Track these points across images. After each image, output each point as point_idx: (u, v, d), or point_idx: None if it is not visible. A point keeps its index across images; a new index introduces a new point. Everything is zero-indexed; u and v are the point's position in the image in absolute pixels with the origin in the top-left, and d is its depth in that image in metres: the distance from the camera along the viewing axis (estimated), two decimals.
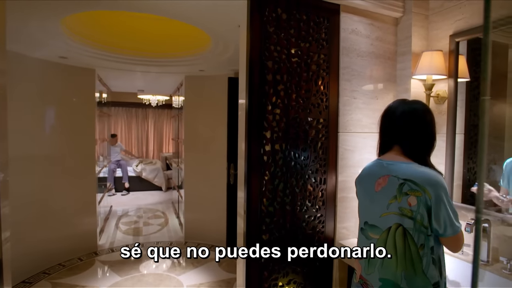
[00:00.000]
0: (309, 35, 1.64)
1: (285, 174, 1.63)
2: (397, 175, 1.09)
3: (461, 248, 1.10)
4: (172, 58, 3.31)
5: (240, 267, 1.61)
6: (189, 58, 3.24)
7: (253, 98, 1.53)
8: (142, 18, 2.51)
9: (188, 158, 4.07)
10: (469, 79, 1.70)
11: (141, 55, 3.22)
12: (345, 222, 1.78)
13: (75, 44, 2.71)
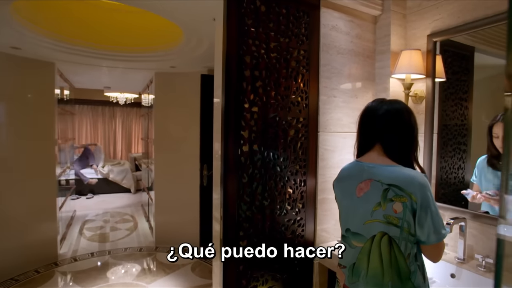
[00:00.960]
0: (289, 30, 1.56)
1: (264, 176, 1.54)
2: (381, 180, 1.03)
3: (441, 257, 1.06)
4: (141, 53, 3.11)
5: (217, 275, 1.50)
6: (159, 53, 3.06)
7: (230, 95, 1.43)
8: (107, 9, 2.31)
9: (158, 159, 3.88)
10: (445, 79, 1.71)
11: (107, 49, 2.99)
12: (325, 224, 1.73)
13: (30, 34, 2.44)
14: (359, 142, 1.18)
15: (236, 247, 1.46)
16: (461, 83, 1.73)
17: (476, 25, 1.50)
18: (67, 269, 3.20)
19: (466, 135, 1.74)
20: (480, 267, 1.40)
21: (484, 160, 1.60)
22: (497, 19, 1.43)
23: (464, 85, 1.73)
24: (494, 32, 1.53)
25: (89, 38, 2.80)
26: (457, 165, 1.75)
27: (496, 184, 1.54)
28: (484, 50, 1.64)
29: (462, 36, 1.60)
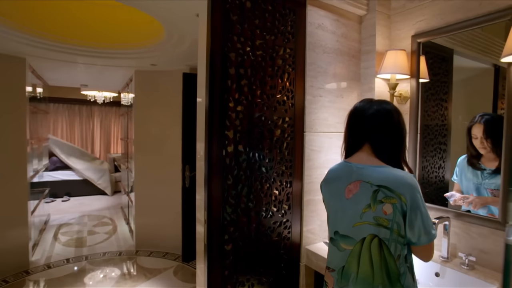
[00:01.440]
0: (275, 27, 1.53)
1: (250, 177, 1.50)
2: (370, 181, 1.01)
3: (432, 257, 1.06)
4: (119, 49, 2.99)
5: (201, 280, 1.44)
6: (139, 50, 2.95)
7: (214, 93, 1.37)
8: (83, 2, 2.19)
9: (138, 159, 3.75)
10: (429, 80, 1.73)
11: (83, 45, 2.85)
12: (311, 225, 1.70)
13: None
14: (347, 143, 1.16)
15: (221, 251, 1.41)
16: (441, 84, 1.75)
17: (458, 27, 1.52)
18: (39, 277, 3.02)
19: (446, 135, 1.77)
20: (464, 265, 1.42)
21: (464, 159, 1.63)
22: (478, 21, 1.45)
23: (444, 86, 1.75)
24: (471, 35, 1.56)
25: (64, 33, 2.66)
26: (438, 165, 1.78)
27: (475, 183, 1.57)
28: (462, 52, 1.68)
29: (442, 38, 1.63)
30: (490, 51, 1.59)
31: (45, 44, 2.72)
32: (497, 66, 1.55)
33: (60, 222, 4.72)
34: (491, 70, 1.57)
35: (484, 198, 1.52)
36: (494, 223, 1.39)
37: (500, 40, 1.52)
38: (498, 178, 1.45)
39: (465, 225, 1.50)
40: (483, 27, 1.47)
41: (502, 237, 1.38)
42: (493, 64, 1.57)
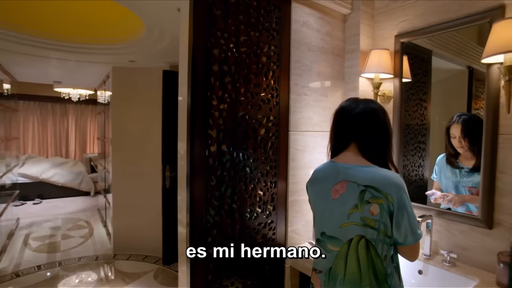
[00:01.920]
0: (259, 24, 1.49)
1: (233, 178, 1.45)
2: (357, 181, 1.00)
3: (418, 256, 1.06)
4: (95, 44, 2.85)
5: (184, 283, 1.38)
6: (117, 46, 2.83)
7: (197, 90, 1.32)
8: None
9: (116, 159, 3.61)
10: (411, 80, 1.75)
11: (55, 39, 2.69)
12: (295, 225, 1.68)
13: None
14: (333, 142, 1.14)
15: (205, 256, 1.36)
16: (421, 85, 1.78)
17: (439, 28, 1.54)
18: (7, 286, 2.83)
19: (425, 134, 1.80)
20: (445, 262, 1.44)
21: (443, 158, 1.66)
22: (458, 23, 1.47)
23: (423, 86, 1.78)
24: (448, 37, 1.59)
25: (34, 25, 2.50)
26: (418, 163, 1.81)
27: (454, 181, 1.61)
28: (440, 54, 1.71)
29: (422, 39, 1.65)
30: (465, 53, 1.63)
31: (12, 37, 2.55)
32: (471, 68, 1.59)
33: (30, 227, 4.46)
34: (465, 72, 1.61)
35: (463, 196, 1.55)
36: (474, 220, 1.42)
37: (473, 43, 1.56)
38: (476, 176, 1.49)
39: (446, 222, 1.52)
40: (462, 28, 1.50)
41: (481, 233, 1.41)
42: (468, 66, 1.61)
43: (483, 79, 1.54)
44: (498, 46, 1.21)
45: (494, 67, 1.34)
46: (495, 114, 1.35)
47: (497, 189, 1.35)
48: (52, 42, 2.72)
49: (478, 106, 1.56)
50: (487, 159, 1.36)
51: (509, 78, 1.23)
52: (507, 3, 1.32)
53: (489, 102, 1.36)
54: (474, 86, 1.58)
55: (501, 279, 1.24)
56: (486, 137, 1.36)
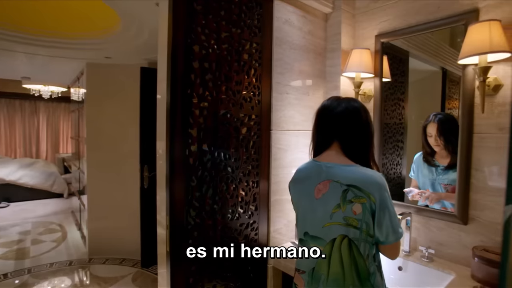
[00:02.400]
0: (241, 20, 1.46)
1: (215, 178, 1.41)
2: (339, 180, 0.99)
3: (399, 255, 1.07)
4: (68, 39, 2.71)
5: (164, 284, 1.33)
6: (92, 41, 2.70)
7: (177, 88, 1.27)
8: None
9: (91, 159, 3.47)
10: (390, 79, 1.78)
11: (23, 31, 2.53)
12: (277, 225, 1.67)
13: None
14: (315, 141, 1.13)
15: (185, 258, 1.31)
16: (399, 85, 1.82)
17: (418, 29, 1.58)
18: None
19: (403, 133, 1.84)
20: (424, 258, 1.47)
21: (420, 156, 1.70)
22: (436, 24, 1.51)
23: (401, 86, 1.82)
24: (423, 39, 1.64)
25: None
26: (396, 161, 1.85)
27: (431, 179, 1.65)
28: (416, 55, 1.75)
29: (400, 40, 1.69)
30: (439, 55, 1.67)
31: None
32: (445, 70, 1.65)
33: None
34: (439, 73, 1.66)
35: (439, 193, 1.60)
36: (451, 216, 1.46)
37: (446, 45, 1.62)
38: (451, 173, 1.54)
39: (424, 219, 1.56)
40: (438, 30, 1.54)
41: (457, 229, 1.45)
42: (441, 67, 1.66)
43: (455, 80, 1.60)
44: (473, 48, 1.25)
45: (469, 68, 1.38)
46: (470, 114, 1.39)
47: (472, 186, 1.40)
48: (18, 34, 2.55)
49: (451, 106, 1.62)
50: (462, 157, 1.41)
51: (483, 79, 1.27)
52: (481, 6, 1.36)
53: (464, 102, 1.40)
54: (447, 86, 1.63)
55: (476, 272, 1.28)
56: (462, 136, 1.41)
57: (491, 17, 1.28)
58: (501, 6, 1.30)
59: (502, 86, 1.30)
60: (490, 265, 1.24)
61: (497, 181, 1.34)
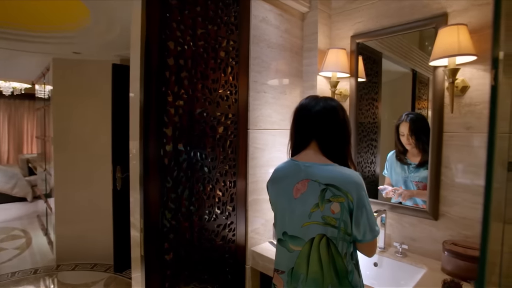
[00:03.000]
0: (218, 17, 1.43)
1: (191, 178, 1.38)
2: (318, 180, 0.99)
3: (375, 252, 1.09)
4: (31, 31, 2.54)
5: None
6: (58, 34, 2.55)
7: (151, 86, 1.22)
8: None
9: (59, 160, 3.29)
10: (365, 79, 1.82)
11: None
12: (255, 225, 1.66)
13: None
14: (293, 140, 1.13)
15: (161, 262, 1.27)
16: (373, 85, 1.86)
17: (391, 31, 1.62)
18: None
19: (376, 132, 1.89)
20: (398, 253, 1.52)
21: (393, 155, 1.75)
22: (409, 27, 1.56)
23: (375, 86, 1.87)
24: (395, 41, 1.69)
25: None
26: (370, 160, 1.89)
27: (403, 177, 1.70)
28: (388, 56, 1.80)
29: (374, 41, 1.73)
30: (409, 57, 1.73)
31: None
32: (415, 71, 1.71)
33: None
34: (410, 74, 1.72)
35: (411, 191, 1.65)
36: (422, 212, 1.51)
37: (416, 47, 1.68)
38: (422, 171, 1.59)
39: (398, 216, 1.61)
40: (410, 33, 1.59)
41: (428, 225, 1.51)
42: (412, 69, 1.72)
43: (424, 81, 1.66)
44: (443, 50, 1.29)
45: (439, 69, 1.43)
46: (440, 113, 1.44)
47: (442, 183, 1.46)
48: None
49: (420, 106, 1.68)
50: (433, 155, 1.46)
51: (452, 80, 1.32)
52: (449, 11, 1.42)
53: (435, 103, 1.45)
54: (417, 87, 1.69)
55: (445, 266, 1.34)
56: (433, 135, 1.46)
57: (459, 22, 1.34)
58: (467, 12, 1.37)
59: (469, 87, 1.36)
60: (458, 258, 1.30)
61: (463, 178, 1.40)
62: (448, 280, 1.22)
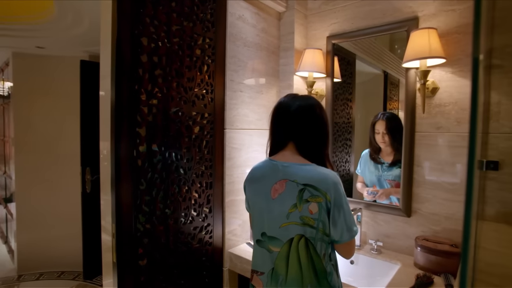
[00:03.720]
0: (194, 13, 1.38)
1: (166, 180, 1.32)
2: (296, 180, 0.98)
3: (354, 253, 1.08)
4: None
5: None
6: (18, 26, 2.37)
7: (123, 84, 1.15)
8: None
9: (20, 162, 3.07)
10: (341, 80, 1.84)
11: None
12: (232, 226, 1.63)
13: None
14: (271, 140, 1.11)
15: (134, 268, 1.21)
16: (347, 85, 1.90)
17: (365, 33, 1.66)
18: None
19: (351, 132, 1.93)
20: (373, 250, 1.55)
21: (367, 154, 1.79)
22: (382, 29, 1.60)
23: (349, 87, 1.90)
24: (368, 43, 1.73)
25: None
26: (345, 159, 1.93)
27: (377, 175, 1.75)
28: (362, 58, 1.85)
29: (348, 43, 1.76)
30: (381, 59, 1.78)
31: None
32: (386, 73, 1.76)
33: None
34: (381, 76, 1.77)
35: (389, 190, 1.69)
36: (396, 210, 1.56)
37: (387, 50, 1.73)
38: (394, 170, 1.64)
39: (373, 214, 1.65)
40: (383, 35, 1.63)
41: (401, 222, 1.56)
42: (383, 71, 1.77)
43: (395, 83, 1.71)
44: (415, 53, 1.34)
45: (411, 71, 1.48)
46: (413, 114, 1.49)
47: (414, 181, 1.51)
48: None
49: (391, 106, 1.73)
50: (406, 154, 1.51)
51: (424, 81, 1.37)
52: (420, 15, 1.47)
53: (407, 103, 1.50)
54: (388, 88, 1.74)
55: (418, 261, 1.39)
56: (406, 134, 1.51)
57: (429, 25, 1.39)
58: (436, 17, 1.42)
59: (438, 89, 1.42)
60: (429, 253, 1.34)
61: (433, 175, 1.46)
62: (421, 275, 1.26)
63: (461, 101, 1.36)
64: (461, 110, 1.37)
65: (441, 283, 1.24)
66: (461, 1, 1.35)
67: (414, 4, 1.48)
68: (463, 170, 1.37)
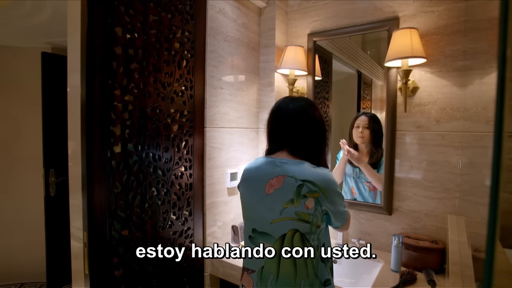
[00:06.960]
0: (172, 4, 1.30)
1: (143, 183, 1.23)
2: (294, 176, 0.95)
3: (349, 226, 1.14)
4: None
5: None
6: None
7: (95, 77, 1.05)
8: None
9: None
10: (321, 78, 1.83)
11: None
12: (212, 228, 1.56)
13: None
14: (268, 143, 1.08)
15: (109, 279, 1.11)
16: (324, 84, 1.90)
17: (346, 31, 1.65)
18: None
19: (328, 130, 1.92)
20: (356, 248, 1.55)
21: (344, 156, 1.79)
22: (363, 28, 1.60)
23: (326, 86, 1.90)
24: (343, 43, 1.73)
25: None
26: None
27: (354, 178, 1.75)
28: (337, 57, 1.85)
29: (325, 42, 1.75)
30: (355, 58, 1.80)
31: None
32: (359, 72, 1.78)
33: None
34: (355, 75, 1.79)
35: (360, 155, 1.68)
36: (378, 208, 1.57)
37: (359, 49, 1.75)
38: None
39: (355, 212, 1.65)
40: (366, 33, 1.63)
41: (383, 219, 1.57)
42: (357, 70, 1.79)
43: (368, 82, 1.73)
44: (397, 52, 1.35)
45: (393, 70, 1.49)
46: (394, 112, 1.51)
47: (395, 179, 1.53)
48: None
49: (365, 106, 1.74)
50: (387, 153, 1.52)
51: (405, 81, 1.38)
52: (401, 15, 1.49)
53: (389, 102, 1.51)
54: (362, 88, 1.75)
55: None
56: (387, 133, 1.52)
57: (409, 26, 1.41)
58: (416, 17, 1.44)
59: (418, 88, 1.45)
60: (410, 249, 1.37)
61: (413, 173, 1.48)
62: (405, 272, 1.27)
63: (440, 100, 1.40)
64: (440, 109, 1.40)
65: (423, 279, 1.26)
66: (440, 1, 1.38)
67: (394, 4, 1.50)
68: (441, 168, 1.41)
